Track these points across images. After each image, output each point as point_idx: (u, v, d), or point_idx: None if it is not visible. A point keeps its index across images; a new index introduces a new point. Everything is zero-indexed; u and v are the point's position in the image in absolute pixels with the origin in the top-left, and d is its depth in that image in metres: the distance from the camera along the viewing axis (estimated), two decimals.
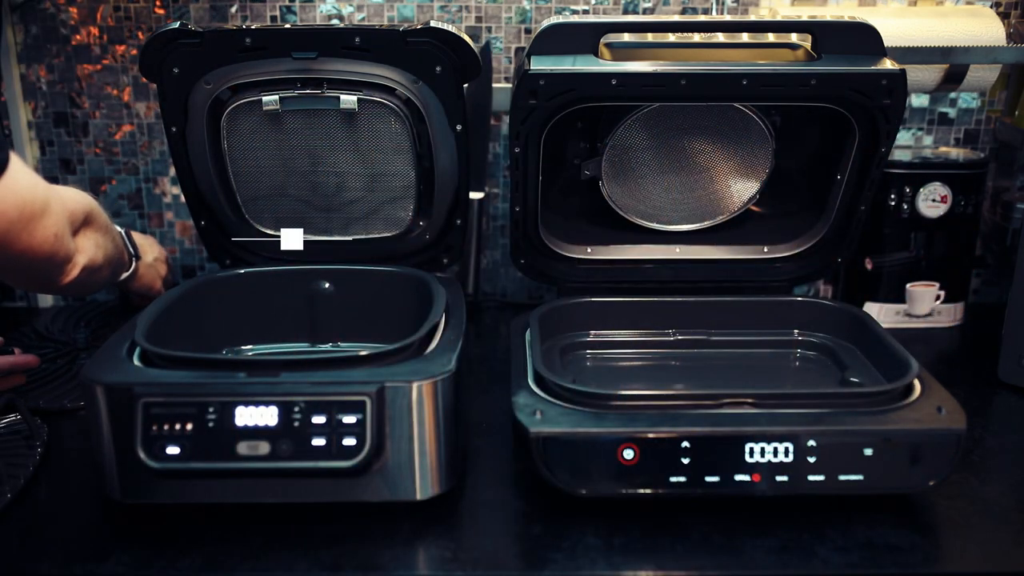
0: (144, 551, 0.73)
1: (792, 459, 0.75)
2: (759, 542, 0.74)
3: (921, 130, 1.27)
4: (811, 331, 1.02)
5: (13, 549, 0.74)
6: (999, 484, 0.84)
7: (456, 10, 1.22)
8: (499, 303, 1.32)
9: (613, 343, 1.03)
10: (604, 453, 0.75)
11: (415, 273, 1.00)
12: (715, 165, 1.07)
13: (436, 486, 0.77)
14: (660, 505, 0.78)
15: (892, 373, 0.86)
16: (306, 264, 1.03)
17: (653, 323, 1.03)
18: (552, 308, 1.00)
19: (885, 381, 0.88)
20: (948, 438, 0.76)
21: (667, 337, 1.03)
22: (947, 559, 0.73)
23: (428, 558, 0.73)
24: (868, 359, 0.95)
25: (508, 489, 0.83)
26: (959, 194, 1.16)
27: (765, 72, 0.92)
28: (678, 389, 0.87)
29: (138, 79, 1.24)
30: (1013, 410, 1.00)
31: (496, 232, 1.30)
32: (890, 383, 0.83)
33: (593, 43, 0.93)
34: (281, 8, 1.21)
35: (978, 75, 1.14)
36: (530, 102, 0.92)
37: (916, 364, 0.83)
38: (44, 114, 1.25)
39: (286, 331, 1.02)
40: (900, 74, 0.91)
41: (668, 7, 1.22)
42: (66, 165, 1.27)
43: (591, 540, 0.75)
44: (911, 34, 1.11)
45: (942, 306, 1.21)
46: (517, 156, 0.96)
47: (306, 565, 0.72)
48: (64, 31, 1.22)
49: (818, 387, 0.93)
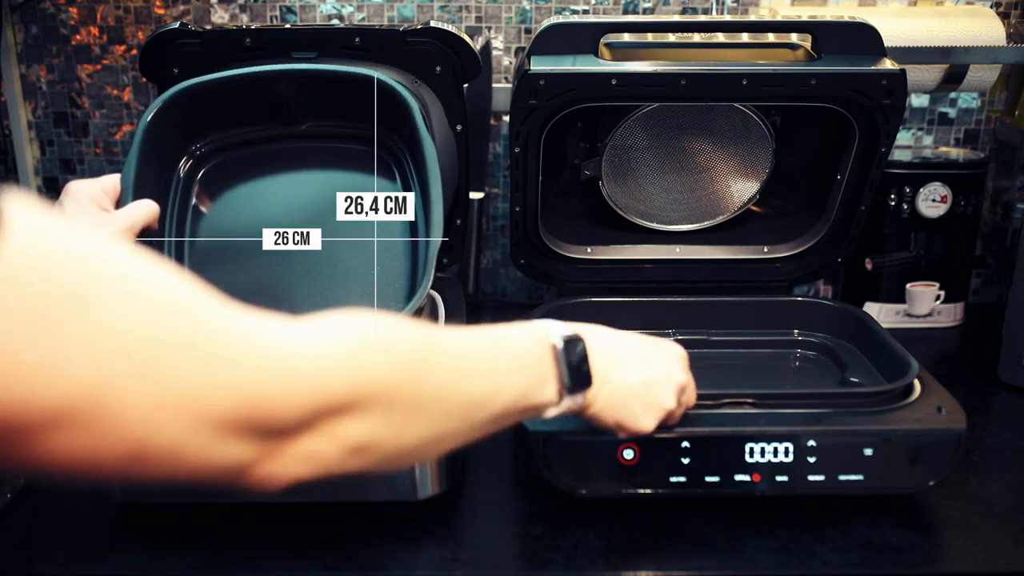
0: (144, 551, 0.73)
1: (792, 459, 0.75)
2: (759, 542, 0.74)
3: (921, 130, 1.27)
4: (811, 331, 1.02)
5: (13, 549, 0.74)
6: (999, 484, 0.84)
7: (456, 10, 1.22)
8: (499, 303, 1.32)
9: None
10: (604, 453, 0.75)
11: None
12: (715, 165, 1.07)
13: (436, 486, 0.77)
14: (660, 505, 0.78)
15: (892, 373, 0.86)
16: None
17: (653, 323, 1.03)
18: (552, 308, 1.00)
19: (885, 381, 0.88)
20: (948, 438, 0.76)
21: (667, 337, 1.03)
22: (947, 559, 0.73)
23: (428, 558, 0.73)
24: (868, 359, 0.95)
25: (508, 489, 0.83)
26: (959, 194, 1.16)
27: (765, 72, 0.92)
28: None
29: (138, 79, 1.24)
30: (1013, 410, 1.00)
31: (496, 232, 1.30)
32: (890, 383, 0.83)
33: (593, 43, 0.93)
34: (281, 8, 1.21)
35: (978, 75, 1.14)
36: (530, 102, 0.92)
37: (916, 364, 0.83)
38: (44, 114, 1.26)
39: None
40: (900, 74, 0.91)
41: (668, 7, 1.22)
42: (66, 165, 1.27)
43: (591, 540, 0.75)
44: (911, 34, 1.10)
45: (942, 306, 1.21)
46: (517, 156, 0.96)
47: (306, 565, 0.72)
48: (64, 31, 1.22)
49: (818, 387, 0.93)
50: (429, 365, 0.52)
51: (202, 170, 0.90)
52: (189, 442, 0.41)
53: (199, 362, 0.40)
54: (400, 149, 0.89)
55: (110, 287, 0.38)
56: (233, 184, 0.91)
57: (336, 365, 0.46)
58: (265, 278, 0.87)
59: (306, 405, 0.45)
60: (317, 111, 0.91)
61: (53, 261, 0.37)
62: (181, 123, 0.87)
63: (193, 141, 0.89)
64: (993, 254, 1.31)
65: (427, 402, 0.51)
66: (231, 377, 0.42)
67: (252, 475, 0.45)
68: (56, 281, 0.36)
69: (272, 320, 0.45)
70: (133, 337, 0.38)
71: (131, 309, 0.39)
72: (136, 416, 0.39)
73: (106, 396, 0.38)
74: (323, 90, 0.88)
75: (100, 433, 0.38)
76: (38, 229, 0.37)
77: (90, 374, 0.37)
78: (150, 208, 0.79)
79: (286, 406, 0.44)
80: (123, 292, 0.39)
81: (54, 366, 0.36)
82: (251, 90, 0.87)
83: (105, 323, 0.38)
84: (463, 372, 0.54)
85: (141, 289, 0.40)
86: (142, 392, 0.39)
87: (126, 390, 0.38)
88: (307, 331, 0.46)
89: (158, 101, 0.84)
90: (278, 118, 0.91)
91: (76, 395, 0.37)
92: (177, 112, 0.85)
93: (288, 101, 0.89)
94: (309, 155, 0.92)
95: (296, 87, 0.88)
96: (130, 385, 0.38)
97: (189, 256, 0.88)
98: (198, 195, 0.90)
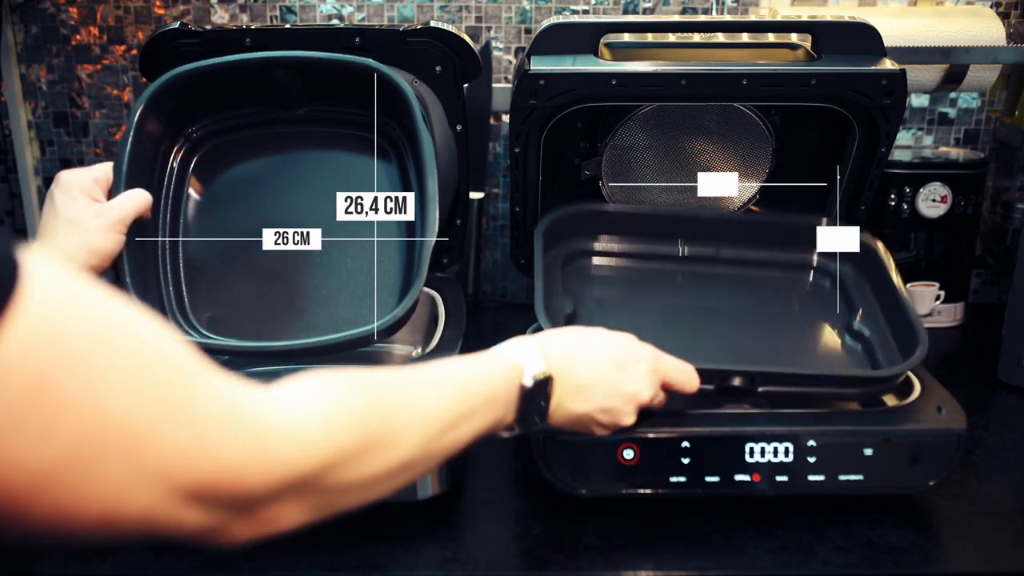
0: (144, 551, 0.73)
1: (792, 459, 0.75)
2: (759, 542, 0.74)
3: (921, 130, 1.27)
4: (829, 259, 0.98)
5: (13, 549, 0.74)
6: (999, 484, 0.84)
7: (456, 10, 1.22)
8: (499, 303, 1.32)
9: (621, 252, 0.99)
10: (604, 453, 0.75)
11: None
12: (715, 165, 1.07)
13: (436, 486, 0.77)
14: (660, 505, 0.78)
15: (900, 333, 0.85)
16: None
17: (664, 233, 0.99)
18: (563, 215, 0.97)
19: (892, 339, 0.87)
20: (948, 438, 0.76)
21: (675, 248, 0.99)
22: (947, 559, 0.73)
23: (428, 558, 0.73)
24: (879, 306, 0.92)
25: (508, 489, 0.83)
26: (959, 194, 1.16)
27: (765, 72, 0.92)
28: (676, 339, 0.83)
29: (138, 79, 1.24)
30: (1013, 410, 1.00)
31: (496, 232, 1.30)
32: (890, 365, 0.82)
33: (593, 43, 0.93)
34: (281, 8, 1.21)
35: (978, 75, 1.14)
36: (530, 102, 0.92)
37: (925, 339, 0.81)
38: (44, 114, 1.25)
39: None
40: (900, 74, 0.91)
41: (668, 7, 1.22)
42: (66, 165, 1.27)
43: (591, 540, 0.75)
44: (911, 34, 1.10)
45: (942, 306, 1.21)
46: (517, 156, 0.96)
47: (306, 565, 0.72)
48: (64, 31, 1.22)
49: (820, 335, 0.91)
50: (399, 427, 0.53)
51: (195, 158, 0.90)
52: (160, 509, 0.40)
53: (184, 435, 0.40)
54: (399, 138, 0.89)
55: (114, 355, 0.39)
56: (228, 171, 0.91)
57: (311, 439, 0.46)
58: (262, 270, 0.87)
59: (279, 479, 0.45)
60: (314, 97, 0.90)
61: (65, 329, 0.37)
62: (174, 111, 0.86)
63: (187, 127, 0.89)
64: (993, 254, 1.31)
65: (395, 460, 0.52)
66: (211, 451, 0.42)
67: (218, 538, 0.45)
68: (66, 348, 0.37)
69: (253, 390, 0.45)
70: (126, 407, 0.38)
71: (130, 379, 0.39)
72: (113, 483, 0.39)
73: (91, 463, 0.38)
74: (321, 78, 0.88)
75: (78, 497, 0.38)
76: (53, 291, 0.37)
77: (79, 441, 0.37)
78: (142, 198, 0.78)
79: (262, 480, 0.44)
80: (125, 360, 0.39)
81: (50, 430, 0.36)
82: (245, 76, 0.87)
83: (103, 392, 0.38)
84: (432, 429, 0.55)
85: (142, 357, 0.40)
86: (124, 461, 0.38)
87: (108, 458, 0.38)
88: (285, 403, 0.47)
89: (151, 88, 0.83)
90: (274, 103, 0.90)
91: (63, 460, 0.37)
92: (170, 100, 0.85)
93: (285, 87, 0.89)
94: (306, 140, 0.91)
95: (292, 74, 0.88)
96: (114, 453, 0.38)
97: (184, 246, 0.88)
98: (192, 183, 0.89)
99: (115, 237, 0.75)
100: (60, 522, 0.38)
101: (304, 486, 0.47)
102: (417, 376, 0.57)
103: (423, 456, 0.55)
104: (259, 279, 0.87)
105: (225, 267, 0.88)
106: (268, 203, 0.89)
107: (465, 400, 0.59)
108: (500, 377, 0.63)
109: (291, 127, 0.91)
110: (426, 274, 0.77)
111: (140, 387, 0.39)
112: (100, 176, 0.78)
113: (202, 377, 0.42)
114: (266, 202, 0.89)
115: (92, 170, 0.78)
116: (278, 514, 0.47)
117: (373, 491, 0.52)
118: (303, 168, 0.91)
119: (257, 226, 0.88)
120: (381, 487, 0.53)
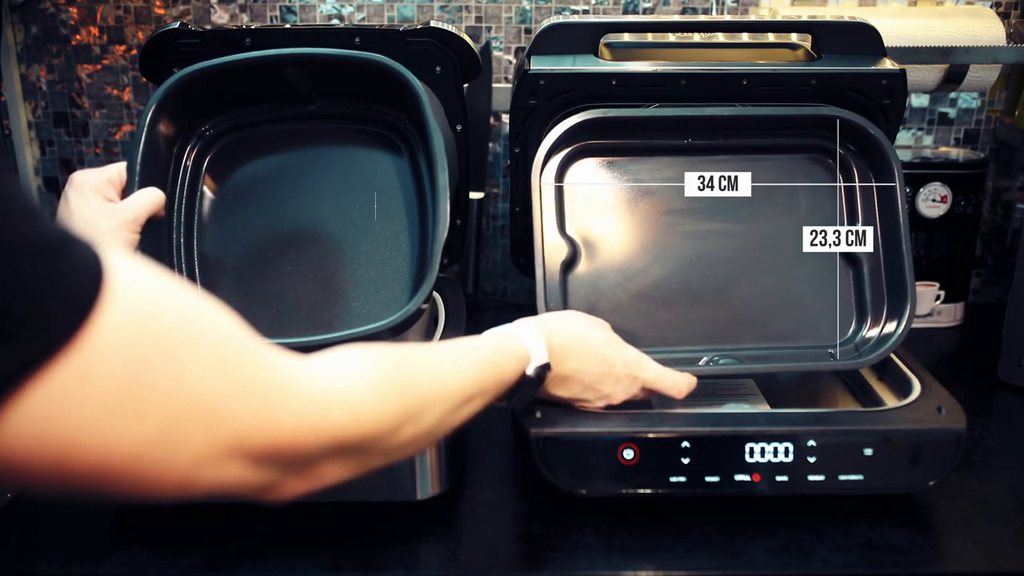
0: (144, 551, 0.73)
1: (792, 459, 0.75)
2: (759, 542, 0.74)
3: (921, 130, 1.27)
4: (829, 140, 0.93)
5: (13, 549, 0.74)
6: (999, 484, 0.84)
7: (456, 10, 1.22)
8: (499, 303, 1.32)
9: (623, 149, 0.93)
10: (604, 453, 0.75)
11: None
12: None
13: (436, 486, 0.77)
14: (660, 505, 0.78)
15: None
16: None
17: (671, 126, 0.93)
18: (577, 124, 0.90)
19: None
20: (948, 438, 0.76)
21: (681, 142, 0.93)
22: (947, 559, 0.73)
23: (428, 558, 0.73)
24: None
25: (508, 489, 0.83)
26: (959, 194, 1.16)
27: (765, 72, 0.92)
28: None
29: (138, 79, 1.24)
30: (1013, 410, 1.00)
31: (496, 232, 1.30)
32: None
33: (593, 43, 0.93)
34: (281, 8, 1.21)
35: (978, 75, 1.14)
36: (530, 102, 0.92)
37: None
38: (44, 114, 1.25)
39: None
40: (900, 74, 0.91)
41: (668, 7, 1.22)
42: (66, 165, 1.27)
43: (591, 540, 0.75)
44: (911, 34, 1.10)
45: (942, 306, 1.21)
46: (517, 156, 0.96)
47: (306, 565, 0.72)
48: (64, 31, 1.22)
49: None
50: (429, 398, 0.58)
51: (208, 156, 0.90)
52: (228, 472, 0.45)
53: (251, 406, 0.45)
54: (410, 133, 0.89)
55: (192, 340, 0.43)
56: (241, 168, 0.91)
57: (360, 407, 0.51)
58: (275, 268, 0.87)
59: (330, 441, 0.49)
60: (324, 93, 0.91)
61: (151, 318, 0.41)
62: (185, 110, 0.86)
63: (199, 125, 0.89)
64: (993, 254, 1.31)
65: (423, 429, 0.58)
66: (274, 419, 0.46)
67: (271, 494, 0.49)
68: (153, 336, 0.41)
69: (303, 362, 0.50)
70: (204, 385, 0.43)
71: (206, 360, 0.43)
72: (191, 455, 0.43)
73: (177, 436, 0.42)
74: (330, 74, 0.88)
75: (164, 467, 0.42)
76: (136, 284, 0.41)
77: (168, 417, 0.41)
78: (155, 197, 0.78)
79: (314, 442, 0.49)
80: (200, 344, 0.43)
81: (142, 410, 0.40)
82: (255, 74, 0.87)
83: (185, 373, 0.42)
84: (453, 402, 0.61)
85: (214, 340, 0.44)
86: (200, 435, 0.43)
87: (187, 434, 0.42)
88: (333, 374, 0.51)
89: (162, 87, 0.84)
90: (285, 100, 0.91)
91: (154, 435, 0.41)
92: (181, 98, 0.85)
93: (295, 85, 0.89)
94: (318, 136, 0.92)
95: (302, 71, 0.88)
96: (192, 430, 0.42)
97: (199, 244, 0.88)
98: (206, 181, 0.90)
99: (129, 236, 0.76)
100: (145, 490, 0.43)
101: (349, 448, 0.51)
102: (441, 353, 0.63)
103: (442, 427, 0.60)
104: (272, 277, 0.87)
105: (239, 265, 0.88)
106: (281, 199, 0.90)
107: (482, 378, 0.64)
108: (511, 361, 0.68)
109: (302, 124, 0.92)
110: (438, 267, 0.77)
111: (214, 367, 0.43)
112: (113, 176, 0.78)
113: (261, 354, 0.47)
114: (279, 198, 0.90)
115: (105, 170, 0.78)
116: (324, 472, 0.51)
117: (402, 453, 0.57)
118: (315, 164, 0.91)
119: (270, 222, 0.89)
120: (409, 450, 0.58)
